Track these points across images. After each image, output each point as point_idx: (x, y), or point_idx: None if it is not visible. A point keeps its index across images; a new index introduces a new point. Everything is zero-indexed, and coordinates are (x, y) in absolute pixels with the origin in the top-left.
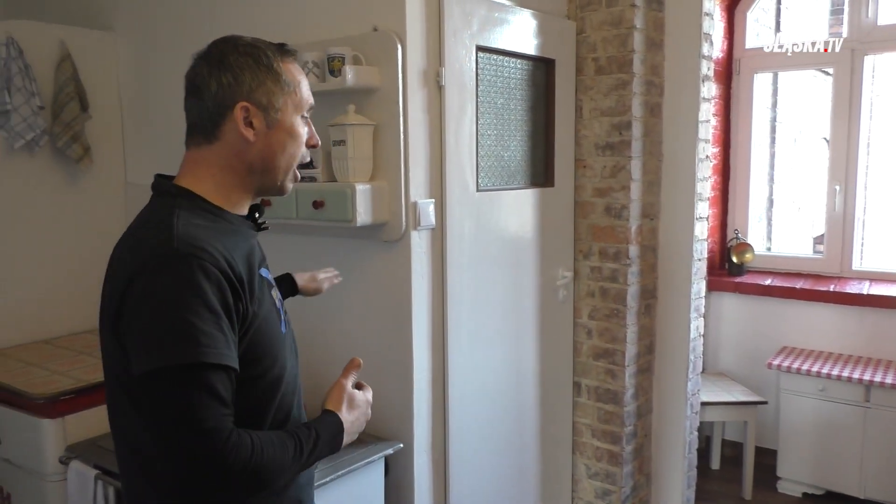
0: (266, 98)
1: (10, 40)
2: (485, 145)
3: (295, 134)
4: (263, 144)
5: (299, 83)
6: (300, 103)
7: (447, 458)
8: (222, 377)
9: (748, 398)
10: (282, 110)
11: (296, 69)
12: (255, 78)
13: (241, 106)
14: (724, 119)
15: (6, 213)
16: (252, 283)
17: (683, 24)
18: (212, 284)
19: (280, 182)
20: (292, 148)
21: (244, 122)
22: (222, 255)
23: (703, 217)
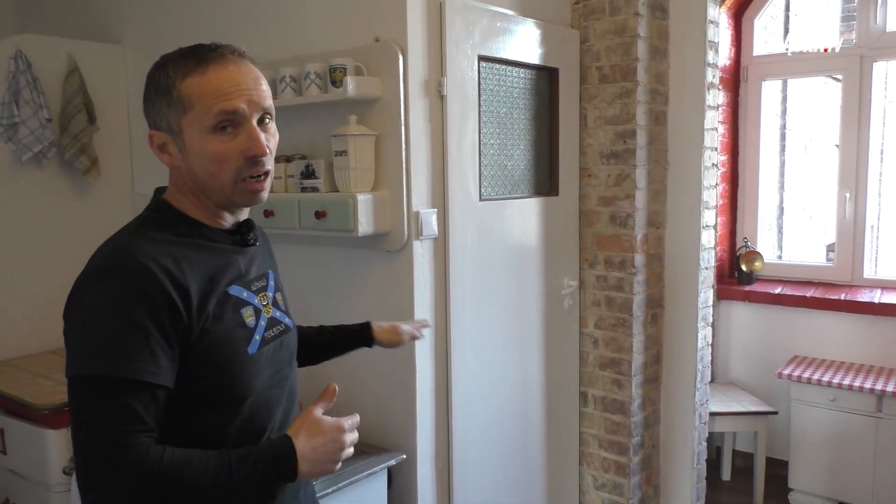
0: (166, 123)
1: (19, 54)
2: (487, 154)
3: (206, 154)
4: (187, 168)
5: (202, 96)
6: (205, 118)
7: (451, 469)
8: (138, 392)
9: (758, 408)
10: (185, 131)
11: (204, 80)
12: (153, 104)
13: (149, 135)
14: (732, 127)
15: (14, 225)
16: (205, 300)
17: (688, 33)
18: (143, 298)
19: (227, 197)
20: (211, 167)
21: (160, 150)
22: (165, 269)
23: (710, 225)
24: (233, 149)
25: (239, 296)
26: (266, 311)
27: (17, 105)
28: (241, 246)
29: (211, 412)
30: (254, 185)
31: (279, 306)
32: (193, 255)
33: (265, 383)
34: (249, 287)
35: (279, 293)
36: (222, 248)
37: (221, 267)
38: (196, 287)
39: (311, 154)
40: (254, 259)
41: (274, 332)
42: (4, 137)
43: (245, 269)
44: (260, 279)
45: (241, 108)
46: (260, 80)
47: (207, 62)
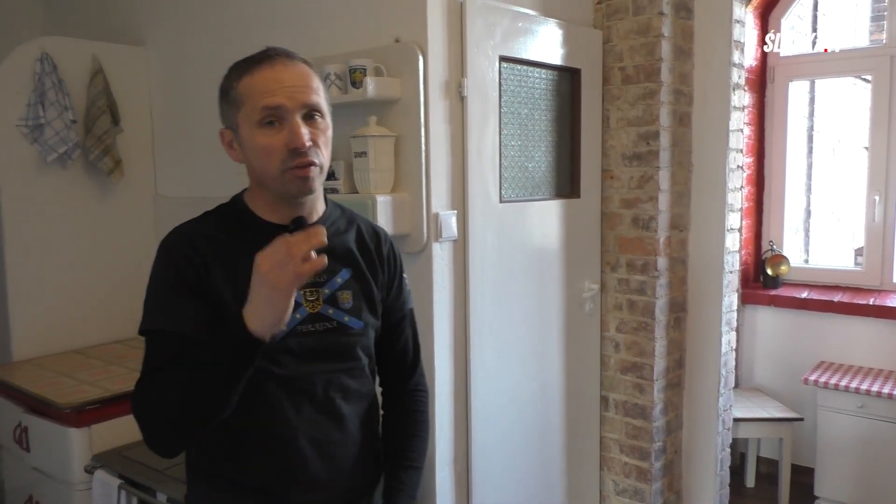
0: (227, 120)
1: (45, 56)
2: (508, 156)
3: (256, 147)
4: (247, 162)
5: (251, 92)
6: (252, 113)
7: (470, 473)
8: (165, 340)
9: (784, 414)
10: (240, 127)
11: (254, 80)
12: (220, 105)
13: (220, 132)
14: (758, 128)
15: (39, 226)
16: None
17: (713, 32)
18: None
19: (279, 189)
20: (262, 160)
21: (229, 146)
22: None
23: (735, 228)
24: (278, 142)
25: None
26: (309, 307)
27: (43, 106)
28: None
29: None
30: (298, 172)
31: (337, 304)
32: (234, 240)
33: (286, 373)
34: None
35: (346, 291)
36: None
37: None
38: (219, 259)
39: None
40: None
41: (315, 328)
42: (30, 138)
43: None
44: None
45: (282, 104)
46: (308, 78)
47: (258, 63)
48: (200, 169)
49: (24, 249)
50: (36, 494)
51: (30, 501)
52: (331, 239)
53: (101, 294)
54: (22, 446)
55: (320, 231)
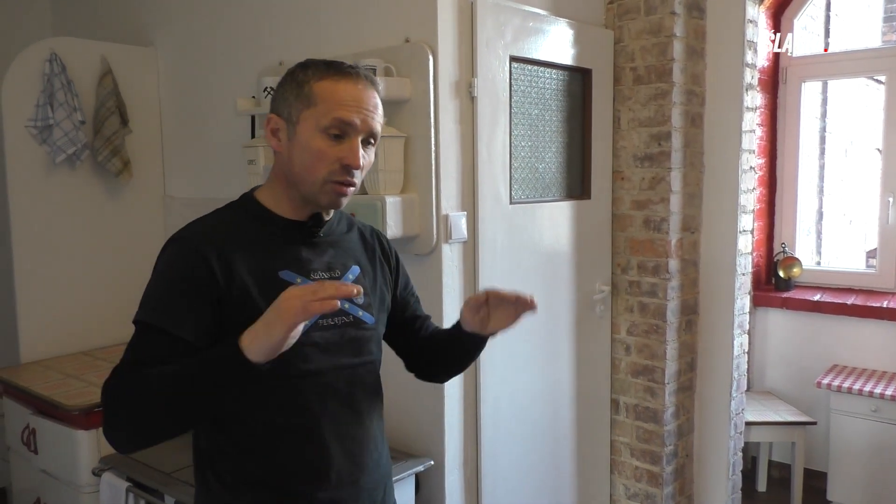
0: (287, 110)
1: (54, 56)
2: (518, 157)
3: (311, 148)
4: (287, 155)
5: (328, 99)
6: (321, 117)
7: (479, 476)
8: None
9: (796, 418)
10: (300, 123)
11: (335, 86)
12: (283, 92)
13: (268, 117)
14: (770, 129)
15: (47, 227)
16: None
17: (726, 32)
18: (184, 262)
19: (312, 194)
20: (310, 162)
21: (272, 133)
22: (212, 239)
23: (747, 230)
24: (333, 153)
25: (290, 280)
26: None
27: (52, 107)
28: (307, 236)
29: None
30: (339, 188)
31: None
32: (252, 238)
33: (313, 368)
34: (307, 275)
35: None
36: (285, 237)
37: (278, 253)
38: (242, 260)
39: None
40: (326, 251)
41: (334, 322)
42: (39, 139)
43: (307, 258)
44: (329, 270)
45: (354, 122)
46: (378, 109)
47: (345, 74)
48: (209, 170)
49: (32, 251)
50: (43, 496)
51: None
52: (339, 238)
53: (109, 295)
54: (30, 448)
55: (357, 289)
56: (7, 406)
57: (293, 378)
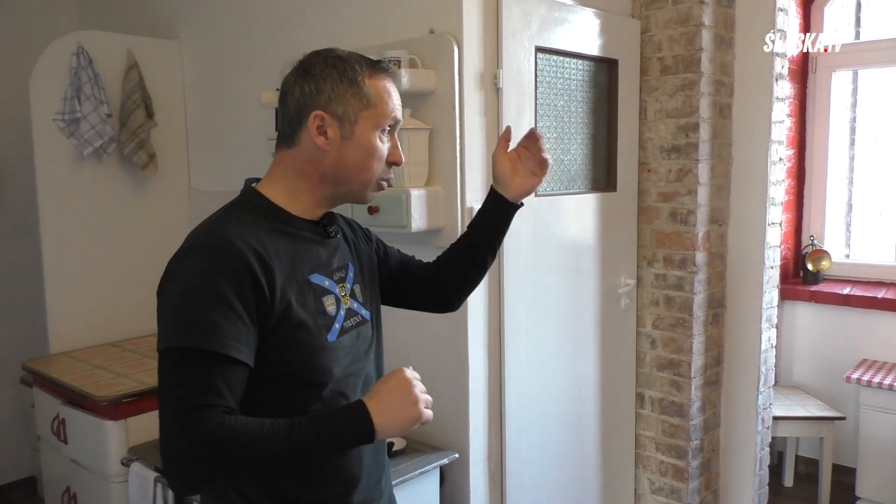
0: (343, 109)
1: (81, 50)
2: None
3: (370, 148)
4: (337, 155)
5: (384, 99)
6: (381, 118)
7: (504, 470)
8: (219, 366)
9: (825, 413)
10: (359, 123)
11: (384, 85)
12: (335, 89)
13: (315, 114)
14: (799, 120)
15: (75, 219)
16: (287, 283)
17: (755, 21)
18: (230, 275)
19: (357, 192)
20: (366, 162)
21: (317, 131)
22: (253, 248)
23: (776, 223)
24: (384, 151)
25: (321, 284)
26: (345, 302)
27: (79, 100)
28: (322, 237)
29: (289, 398)
30: (383, 185)
31: (357, 298)
32: (277, 238)
33: (342, 372)
34: (332, 276)
35: (358, 285)
36: (304, 236)
37: (303, 254)
38: (280, 269)
39: None
40: (336, 250)
41: (352, 323)
42: (67, 132)
43: (327, 259)
44: (340, 270)
45: (401, 121)
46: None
47: (386, 72)
48: (233, 163)
49: (60, 243)
50: (73, 486)
51: (67, 493)
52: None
53: (136, 287)
54: (59, 438)
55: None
56: (37, 396)
57: (328, 384)
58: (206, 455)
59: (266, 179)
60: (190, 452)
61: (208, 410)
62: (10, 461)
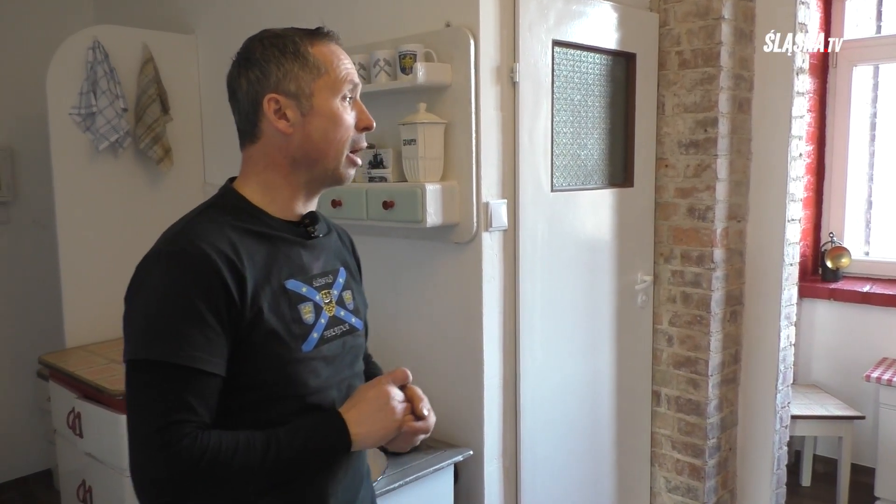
0: (295, 85)
1: (97, 44)
2: (560, 144)
3: (335, 117)
4: (302, 134)
5: (334, 63)
6: (337, 84)
7: (518, 467)
8: (190, 379)
9: (844, 412)
10: (315, 95)
11: (331, 50)
12: (281, 67)
13: (269, 98)
14: (819, 115)
15: (91, 213)
16: (260, 290)
17: (776, 14)
18: (199, 283)
19: (332, 170)
20: (335, 133)
21: (276, 115)
22: (223, 254)
23: (796, 219)
24: (351, 118)
25: (298, 291)
26: (328, 310)
27: (95, 95)
28: (304, 238)
29: (264, 409)
30: (355, 157)
31: (345, 305)
32: (252, 242)
33: (321, 384)
34: (311, 283)
35: (348, 292)
36: (283, 239)
37: (280, 259)
38: (252, 275)
39: (380, 143)
40: (320, 254)
41: (335, 332)
42: (83, 127)
43: (308, 264)
44: (325, 275)
45: (358, 83)
46: None
47: (326, 36)
48: None
49: (76, 237)
50: (88, 479)
51: (82, 486)
52: (326, 238)
53: None
54: (75, 432)
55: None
56: (53, 390)
57: (304, 396)
58: (180, 476)
59: (240, 178)
60: (162, 473)
61: (180, 428)
62: (27, 454)
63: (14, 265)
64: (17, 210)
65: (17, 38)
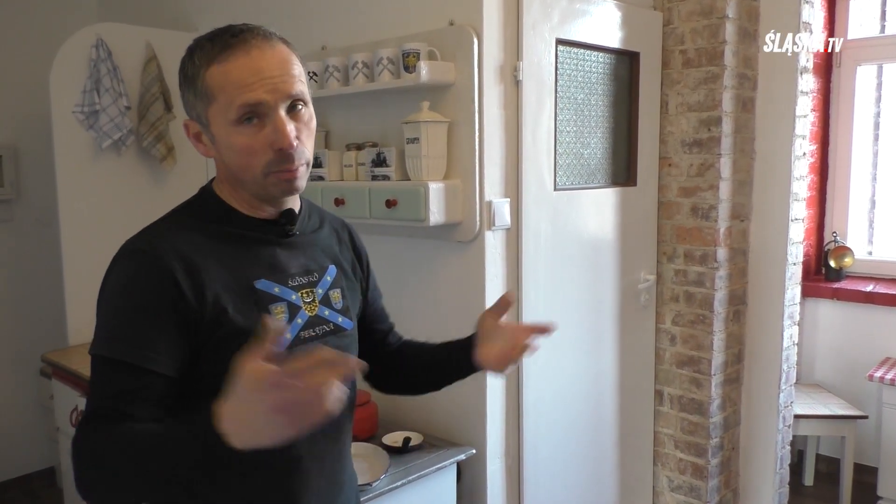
0: (194, 112)
1: (100, 42)
2: (563, 142)
3: (233, 147)
4: (219, 158)
5: (225, 87)
6: (229, 110)
7: (521, 466)
8: (135, 376)
9: (847, 412)
10: (212, 122)
11: (226, 70)
12: (184, 94)
13: (184, 124)
14: (822, 114)
15: (94, 212)
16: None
17: (780, 13)
18: (151, 282)
19: (261, 191)
20: (239, 160)
21: (195, 139)
22: (179, 253)
23: (799, 219)
24: (260, 141)
25: (268, 291)
26: (307, 309)
27: (98, 93)
28: (280, 236)
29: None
30: (284, 175)
31: (331, 305)
32: (219, 242)
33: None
34: (286, 282)
35: (336, 290)
36: (257, 239)
37: (250, 259)
38: (213, 275)
39: (383, 141)
40: (301, 252)
41: (315, 332)
42: (86, 125)
43: (284, 263)
44: (307, 274)
45: (263, 100)
46: (288, 65)
47: (230, 48)
48: None
49: (79, 235)
50: None
51: None
52: (312, 235)
53: None
54: None
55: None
56: (56, 388)
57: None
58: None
59: (218, 177)
60: (79, 458)
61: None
62: (31, 452)
63: (17, 263)
64: (20, 208)
65: (21, 36)
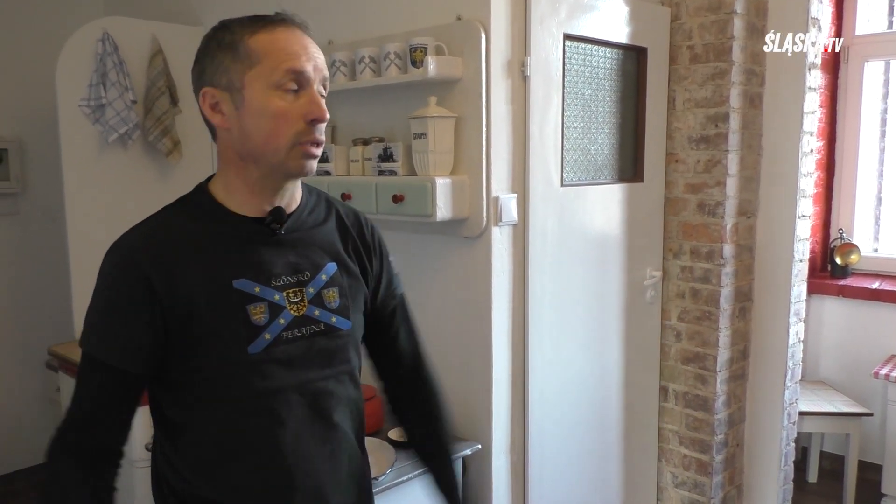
0: (226, 78)
1: (106, 36)
2: (570, 138)
3: (266, 109)
4: (239, 129)
5: (270, 53)
6: (272, 74)
7: (526, 461)
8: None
9: (852, 409)
10: (247, 87)
11: (273, 38)
12: (213, 60)
13: (202, 92)
14: (829, 111)
15: (100, 205)
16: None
17: (788, 9)
18: (122, 280)
19: (279, 164)
20: (269, 126)
21: (212, 109)
22: (153, 251)
23: (806, 215)
24: (296, 110)
25: (247, 290)
26: (293, 309)
27: (105, 87)
28: (267, 235)
29: (211, 407)
30: (308, 149)
31: (324, 304)
32: (203, 242)
33: (271, 386)
34: (269, 282)
35: (332, 289)
36: (243, 238)
37: (234, 258)
38: (188, 273)
39: (390, 137)
40: (290, 251)
41: (301, 332)
42: (92, 119)
43: (270, 262)
44: (295, 273)
45: (307, 70)
46: (322, 55)
47: (274, 23)
48: None
49: (85, 229)
50: None
51: None
52: (312, 230)
53: None
54: None
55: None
56: (63, 381)
57: (249, 399)
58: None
59: (218, 172)
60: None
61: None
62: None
63: (23, 256)
64: (26, 201)
65: (27, 31)
